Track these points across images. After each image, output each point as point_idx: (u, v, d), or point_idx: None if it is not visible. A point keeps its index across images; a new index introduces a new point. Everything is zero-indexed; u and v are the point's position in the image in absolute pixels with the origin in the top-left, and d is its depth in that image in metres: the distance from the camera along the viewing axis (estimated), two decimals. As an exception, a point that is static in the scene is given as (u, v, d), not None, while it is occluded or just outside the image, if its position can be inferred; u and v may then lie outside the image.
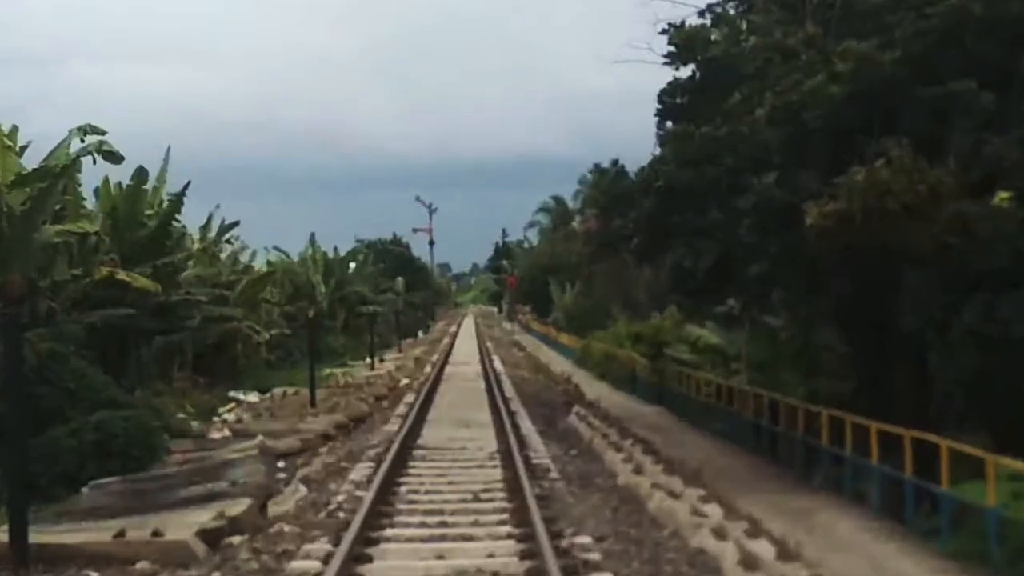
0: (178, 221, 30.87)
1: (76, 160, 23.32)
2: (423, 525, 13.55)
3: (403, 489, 16.42)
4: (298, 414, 28.49)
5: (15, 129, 24.54)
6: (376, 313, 64.23)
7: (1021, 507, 13.64)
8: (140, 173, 28.81)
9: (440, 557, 11.65)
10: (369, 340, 55.86)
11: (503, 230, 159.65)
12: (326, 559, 11.40)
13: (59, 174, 22.45)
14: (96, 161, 23.36)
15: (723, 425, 25.79)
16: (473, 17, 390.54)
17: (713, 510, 13.98)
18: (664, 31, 22.37)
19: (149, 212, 29.87)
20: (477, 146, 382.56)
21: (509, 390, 35.42)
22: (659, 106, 23.11)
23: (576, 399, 32.64)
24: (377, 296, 69.90)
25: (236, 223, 41.29)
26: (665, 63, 22.62)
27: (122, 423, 19.55)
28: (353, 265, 69.96)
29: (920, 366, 19.95)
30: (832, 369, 22.11)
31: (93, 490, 16.27)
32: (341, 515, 14.45)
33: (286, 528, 13.83)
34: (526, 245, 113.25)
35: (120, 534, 12.90)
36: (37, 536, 12.40)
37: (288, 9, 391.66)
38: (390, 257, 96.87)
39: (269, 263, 54.25)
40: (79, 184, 26.96)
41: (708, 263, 20.84)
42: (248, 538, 13.33)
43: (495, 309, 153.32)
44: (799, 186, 18.66)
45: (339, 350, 56.63)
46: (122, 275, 25.85)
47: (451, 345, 70.06)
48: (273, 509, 15.32)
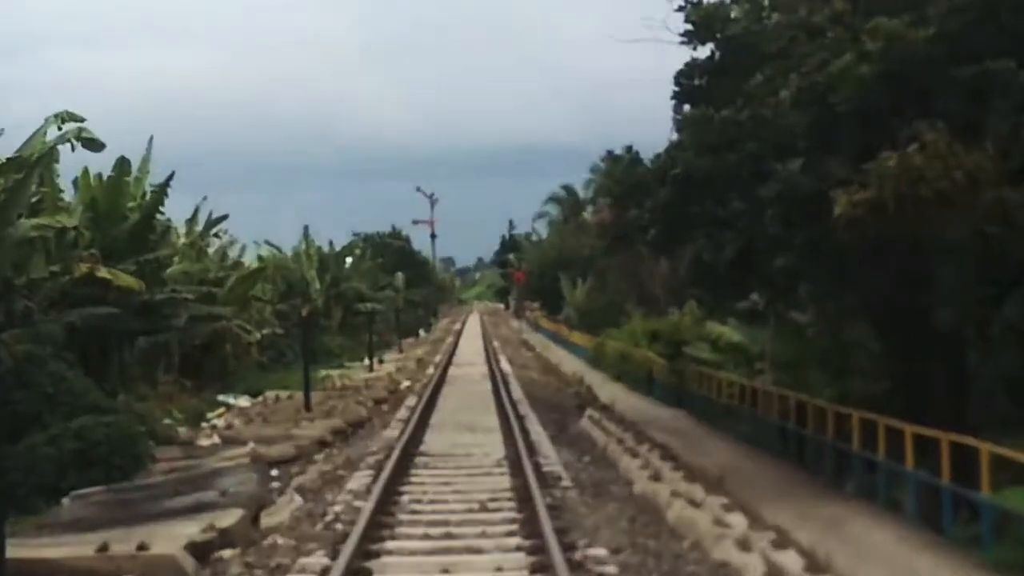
0: (162, 214, 30.95)
1: (53, 149, 23.36)
2: (426, 537, 13.54)
3: (405, 498, 16.44)
4: (292, 419, 28.53)
5: (-14, 117, 24.67)
6: (375, 311, 64.31)
7: (1067, 515, 13.60)
8: (122, 163, 28.86)
9: (445, 571, 11.65)
10: (367, 340, 55.95)
11: (510, 222, 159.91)
12: (323, 574, 11.41)
13: (35, 164, 22.51)
14: (75, 148, 23.43)
15: (747, 429, 25.80)
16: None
17: (737, 520, 13.96)
18: (680, 8, 22.31)
19: (131, 205, 29.93)
20: (481, 133, 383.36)
21: (517, 392, 35.42)
22: (676, 88, 23.05)
23: (589, 402, 32.66)
24: (375, 293, 70.01)
25: (224, 216, 41.42)
26: (682, 42, 22.55)
27: (104, 430, 19.64)
28: (350, 260, 70.10)
29: (958, 364, 19.89)
30: (863, 368, 22.06)
31: (74, 501, 16.33)
32: (339, 527, 14.45)
33: (280, 541, 13.82)
34: (534, 238, 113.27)
35: (103, 548, 12.92)
36: (15, 550, 12.40)
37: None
38: (389, 251, 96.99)
39: (260, 258, 54.28)
40: (57, 175, 27.02)
41: (729, 256, 20.78)
42: (240, 552, 13.34)
43: (502, 306, 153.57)
44: (826, 173, 18.60)
45: (335, 351, 56.76)
46: (103, 272, 25.89)
47: (455, 344, 70.18)
48: (266, 520, 15.35)
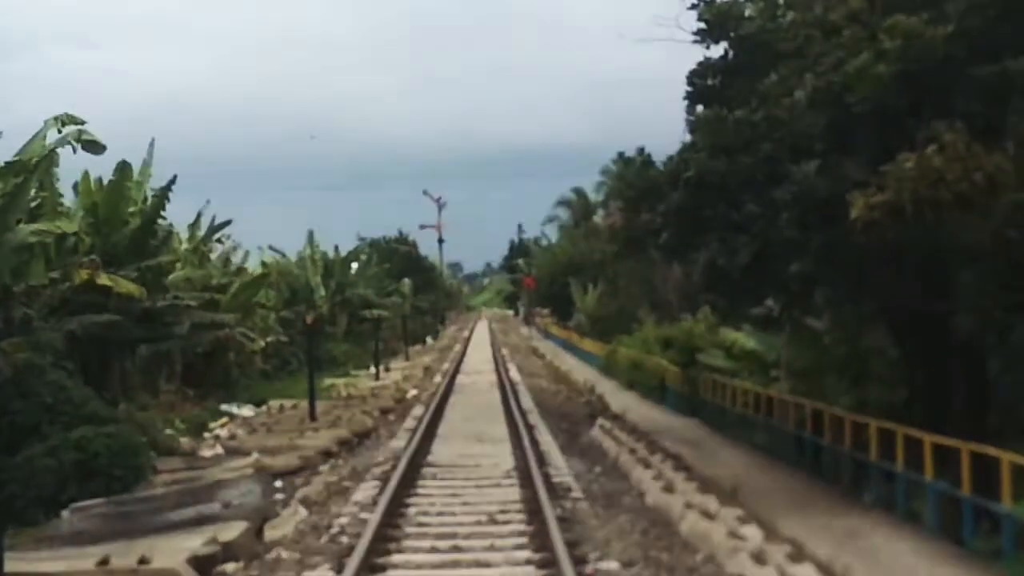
0: (164, 219, 30.98)
1: (53, 152, 23.43)
2: (434, 550, 13.61)
3: (412, 511, 16.50)
4: (296, 429, 28.61)
5: (-17, 119, 24.74)
6: (381, 318, 64.32)
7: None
8: (123, 167, 28.94)
9: (453, 585, 11.71)
10: (373, 347, 55.98)
11: (519, 226, 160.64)
12: (328, 587, 11.48)
13: (34, 168, 22.57)
14: (76, 150, 23.47)
15: (762, 438, 25.77)
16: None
17: (752, 532, 14.00)
18: (693, 6, 22.32)
19: (132, 209, 29.99)
20: (490, 135, 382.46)
21: (527, 401, 35.48)
22: (689, 89, 23.04)
23: (600, 411, 32.68)
24: (382, 299, 70.01)
25: (228, 222, 41.40)
26: (695, 41, 22.53)
27: (105, 440, 19.68)
28: (355, 266, 70.09)
29: (978, 372, 19.88)
30: (881, 376, 22.05)
31: (74, 513, 16.38)
32: (344, 539, 14.52)
33: (284, 554, 13.90)
34: (544, 242, 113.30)
35: (104, 562, 12.99)
36: (13, 564, 12.51)
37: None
38: (396, 257, 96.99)
39: (264, 264, 54.36)
40: (56, 179, 27.06)
41: (744, 260, 20.75)
42: (243, 565, 13.41)
43: (511, 312, 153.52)
44: (843, 175, 18.60)
45: (341, 359, 56.79)
46: (104, 278, 25.99)
47: (463, 352, 70.22)
48: (270, 533, 15.40)
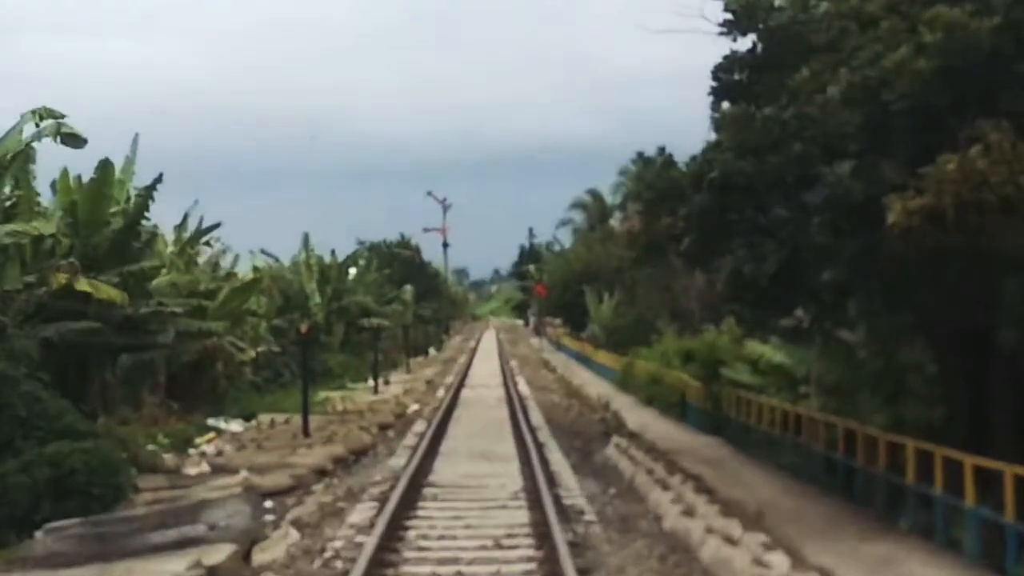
0: (148, 220, 30.97)
1: (29, 148, 23.39)
2: (435, 577, 13.51)
3: (411, 534, 16.47)
4: (289, 445, 28.57)
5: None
6: (380, 327, 64.38)
7: None
8: (104, 165, 28.88)
9: (455, 616, 11.59)
10: (372, 359, 55.99)
11: (530, 230, 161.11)
12: (320, 617, 11.36)
13: (9, 164, 22.55)
14: (58, 140, 23.40)
15: (790, 459, 25.71)
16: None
17: (778, 560, 13.92)
18: (719, -6, 22.28)
19: (114, 210, 29.97)
20: (499, 133, 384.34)
21: (536, 418, 35.45)
22: (714, 84, 23.00)
23: (615, 428, 32.64)
24: (382, 307, 70.10)
25: (217, 224, 41.40)
26: (721, 33, 22.48)
27: (82, 456, 19.65)
28: (353, 271, 70.20)
29: (1023, 389, 19.79)
30: (919, 393, 21.89)
31: (48, 534, 16.32)
32: (339, 564, 14.47)
33: (273, 580, 13.80)
34: (557, 247, 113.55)
35: (79, 586, 12.88)
36: (-18, 588, 12.40)
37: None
38: (397, 262, 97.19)
39: (255, 269, 54.43)
40: (33, 177, 27.09)
41: (772, 268, 20.69)
42: (229, 592, 13.29)
43: (520, 322, 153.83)
44: (879, 177, 18.53)
45: (337, 370, 56.83)
46: (83, 283, 25.94)
47: (468, 364, 70.33)
48: (259, 557, 15.34)
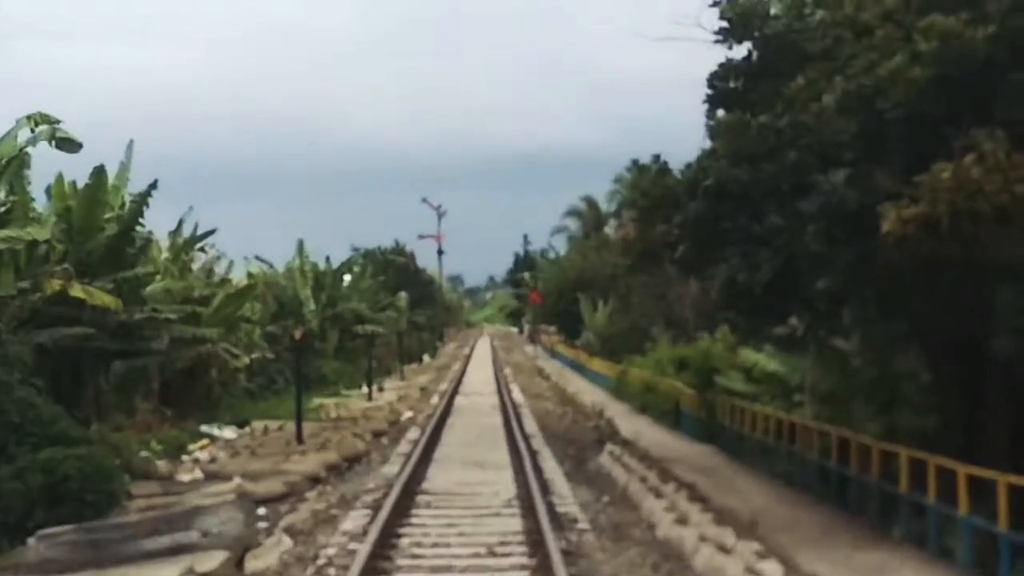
0: (142, 226, 31.03)
1: (24, 153, 23.49)
2: (428, 584, 13.63)
3: (405, 541, 16.53)
4: (282, 452, 28.62)
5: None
6: (375, 334, 64.28)
7: None
8: (99, 171, 28.97)
9: (448, 622, 11.74)
10: (366, 366, 55.95)
11: (524, 237, 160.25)
12: (314, 623, 11.51)
13: (4, 169, 22.67)
14: (52, 144, 23.48)
15: (783, 467, 25.77)
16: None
17: (771, 568, 14.00)
18: (715, 3, 22.39)
19: (109, 215, 30.01)
20: (495, 140, 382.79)
21: (530, 425, 35.49)
22: (709, 92, 23.11)
23: (609, 436, 32.65)
24: (376, 314, 70.01)
25: (213, 231, 41.37)
26: (716, 41, 22.59)
27: (75, 462, 19.69)
28: (348, 278, 70.09)
29: (1018, 399, 19.87)
30: (913, 402, 22.01)
31: (41, 541, 16.40)
32: (332, 572, 14.54)
33: (267, 586, 13.93)
34: (552, 255, 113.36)
35: (73, 592, 13.03)
36: (-23, 594, 12.54)
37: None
38: (392, 268, 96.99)
39: (250, 275, 54.34)
40: (28, 182, 27.17)
41: (766, 276, 20.77)
42: (223, 598, 13.44)
43: (515, 329, 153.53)
44: (874, 186, 18.64)
45: (331, 377, 56.77)
46: (77, 289, 26.01)
47: (463, 372, 70.24)
48: (251, 564, 15.42)
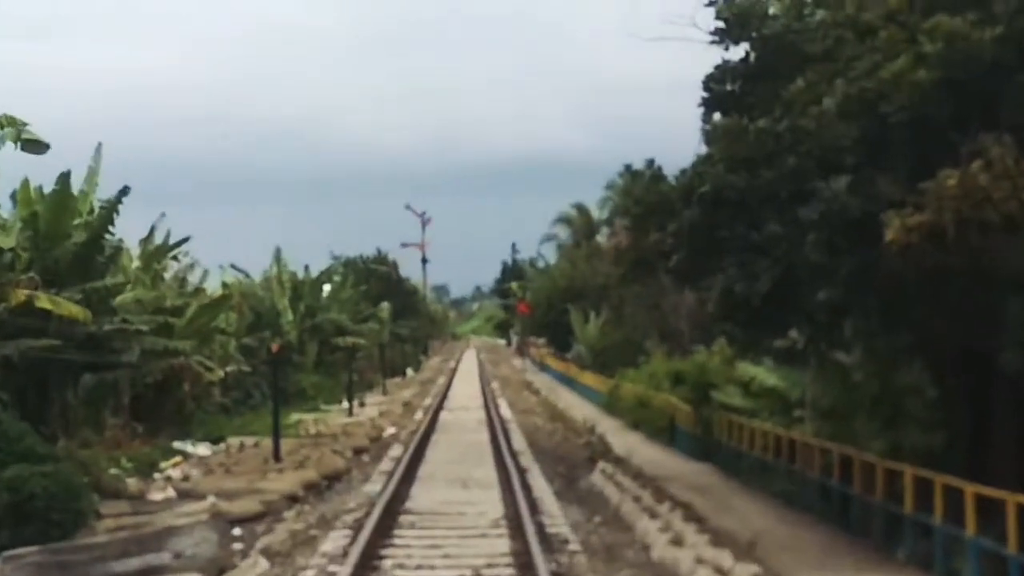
0: (112, 234, 30.92)
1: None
2: (411, 608, 13.58)
3: (387, 563, 16.48)
4: (259, 470, 28.56)
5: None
6: (356, 346, 64.27)
7: None
8: (65, 176, 28.85)
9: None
10: (347, 380, 55.90)
11: (512, 245, 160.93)
12: (291, 650, 11.43)
13: (-33, 174, 22.57)
14: (18, 146, 23.39)
15: (783, 486, 25.78)
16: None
17: (770, 592, 13.99)
18: (711, 3, 22.44)
19: (77, 222, 29.93)
20: (481, 145, 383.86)
21: (519, 442, 35.47)
22: (705, 95, 23.15)
23: (601, 453, 32.66)
24: (357, 326, 69.99)
25: (186, 239, 41.25)
26: (712, 42, 22.65)
27: (42, 480, 19.61)
28: (328, 288, 70.10)
29: (1027, 414, 19.93)
30: (918, 418, 22.02)
31: (6, 562, 16.33)
32: (310, 595, 14.48)
33: (242, 611, 13.87)
34: (541, 264, 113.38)
35: (38, 617, 12.94)
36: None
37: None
38: (374, 278, 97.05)
39: (225, 285, 54.24)
40: (-9, 189, 27.13)
41: (765, 287, 20.79)
42: (196, 623, 13.37)
43: (502, 342, 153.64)
44: (877, 193, 18.67)
45: (310, 392, 56.71)
46: (44, 299, 25.93)
47: (448, 386, 70.23)
48: (227, 587, 15.38)
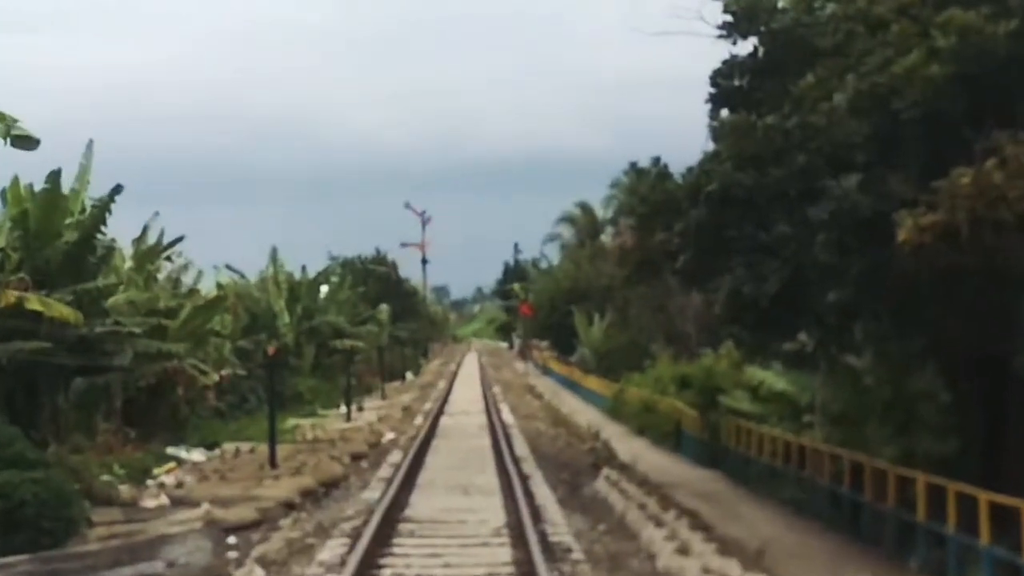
0: (104, 233, 30.83)
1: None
2: (410, 620, 13.51)
3: (386, 572, 16.53)
4: (254, 477, 28.53)
5: None
6: (354, 349, 64.26)
7: None
8: (55, 175, 28.76)
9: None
10: (345, 383, 55.88)
11: (515, 245, 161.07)
12: (286, 664, 11.34)
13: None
14: (7, 142, 23.31)
15: (792, 493, 25.77)
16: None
17: (780, 603, 13.92)
18: (718, -6, 22.41)
19: (68, 221, 29.84)
20: (483, 143, 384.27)
21: (521, 448, 35.45)
22: (712, 90, 23.14)
23: (606, 459, 32.62)
24: (355, 328, 69.99)
25: (180, 238, 41.15)
26: (719, 36, 22.65)
27: (31, 487, 19.56)
28: (325, 289, 70.08)
29: (1043, 420, 19.88)
30: (931, 423, 21.99)
31: (-7, 572, 16.26)
32: (306, 606, 14.42)
33: (236, 623, 13.79)
34: (544, 264, 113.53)
35: (25, 629, 12.84)
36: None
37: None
38: (372, 279, 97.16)
39: (219, 286, 54.21)
40: (-21, 187, 27.05)
41: (773, 288, 20.76)
42: (188, 635, 13.28)
43: (504, 344, 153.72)
44: (889, 192, 18.63)
45: (307, 396, 56.72)
46: (34, 300, 25.82)
47: (448, 390, 70.29)
48: (220, 598, 15.31)
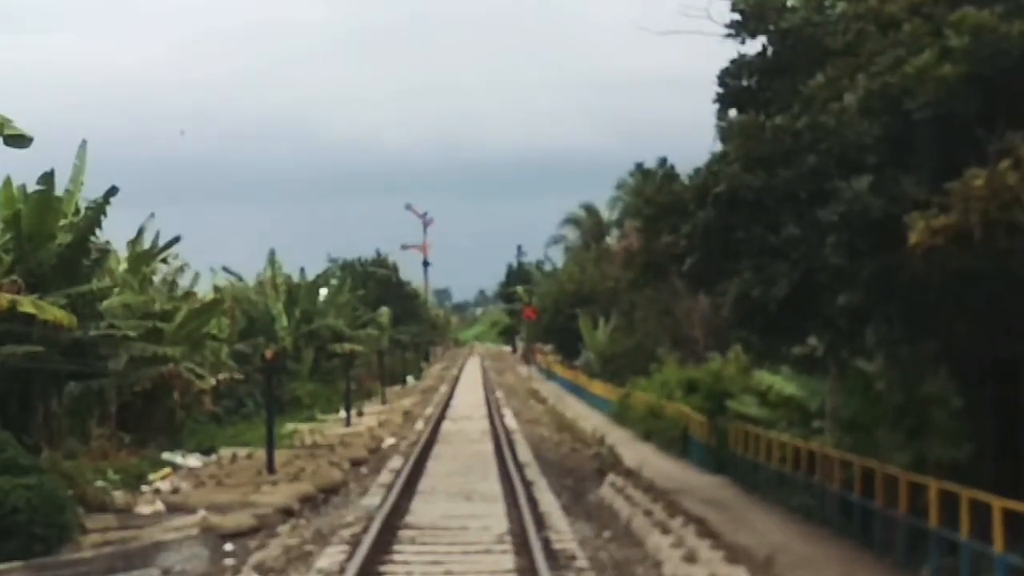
0: (98, 236, 30.92)
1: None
2: (411, 629, 13.58)
3: (386, 581, 16.48)
4: (252, 482, 28.57)
5: None
6: (354, 353, 64.26)
7: None
8: (48, 176, 28.86)
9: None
10: (344, 388, 55.89)
11: (518, 247, 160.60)
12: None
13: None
14: (0, 139, 23.41)
15: (802, 500, 25.78)
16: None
17: (788, 612, 13.99)
18: (727, -8, 22.48)
19: (62, 223, 29.95)
20: (487, 144, 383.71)
21: (524, 453, 35.47)
22: (720, 90, 23.19)
23: (611, 465, 32.66)
24: (355, 331, 70.02)
25: (176, 239, 41.23)
26: (728, 35, 22.68)
27: (24, 493, 19.62)
28: (324, 292, 70.08)
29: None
30: (944, 429, 22.03)
31: (-13, 580, 16.35)
32: (306, 614, 14.47)
33: (235, 631, 13.87)
34: (548, 267, 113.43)
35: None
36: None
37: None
38: (372, 281, 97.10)
39: (216, 288, 54.36)
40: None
41: (782, 291, 20.78)
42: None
43: (507, 348, 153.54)
44: (900, 193, 18.68)
45: (305, 400, 56.74)
46: (27, 303, 25.92)
47: (450, 394, 70.25)
48: (219, 606, 15.38)
